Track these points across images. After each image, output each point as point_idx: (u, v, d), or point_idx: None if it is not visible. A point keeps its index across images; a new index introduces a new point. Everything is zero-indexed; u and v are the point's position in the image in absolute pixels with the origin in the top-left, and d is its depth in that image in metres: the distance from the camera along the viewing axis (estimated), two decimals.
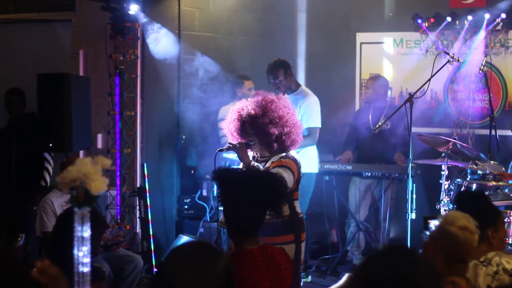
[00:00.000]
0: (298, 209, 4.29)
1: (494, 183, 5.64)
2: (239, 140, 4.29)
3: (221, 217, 4.13)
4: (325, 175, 6.64)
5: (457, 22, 7.16)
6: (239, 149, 4.20)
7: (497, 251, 3.45)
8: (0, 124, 7.01)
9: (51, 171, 6.64)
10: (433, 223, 3.10)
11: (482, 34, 7.06)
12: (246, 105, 4.27)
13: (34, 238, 6.01)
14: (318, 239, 7.27)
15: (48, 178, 6.60)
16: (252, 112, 4.20)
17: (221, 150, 4.41)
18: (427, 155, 6.65)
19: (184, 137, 7.34)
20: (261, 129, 4.18)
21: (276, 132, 4.17)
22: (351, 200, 6.89)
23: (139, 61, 7.20)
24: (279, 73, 6.04)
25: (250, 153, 4.30)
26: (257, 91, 4.55)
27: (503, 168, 6.16)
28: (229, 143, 4.30)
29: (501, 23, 7.03)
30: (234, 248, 4.07)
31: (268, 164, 4.21)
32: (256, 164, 4.15)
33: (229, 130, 4.35)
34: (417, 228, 5.66)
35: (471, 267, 3.29)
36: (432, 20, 7.23)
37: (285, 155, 4.20)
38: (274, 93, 4.41)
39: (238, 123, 4.29)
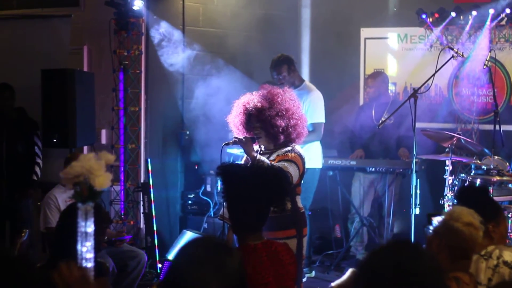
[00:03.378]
0: (300, 204, 4.29)
1: (498, 178, 5.62)
2: (245, 134, 4.29)
3: (222, 211, 4.12)
4: (329, 171, 6.63)
5: (461, 17, 7.14)
6: (245, 143, 4.20)
7: (497, 245, 3.44)
8: None
9: (41, 165, 6.63)
10: (437, 220, 3.09)
11: (486, 29, 7.04)
12: (251, 98, 4.27)
13: (32, 233, 6.01)
14: (322, 235, 7.27)
15: (39, 173, 6.59)
16: (259, 105, 4.20)
17: (227, 144, 4.41)
18: (431, 150, 6.63)
19: (188, 132, 7.34)
20: (268, 121, 4.18)
21: (283, 124, 4.18)
22: (354, 196, 6.88)
23: (143, 56, 7.20)
24: (283, 69, 6.04)
25: (255, 147, 4.29)
26: (261, 85, 4.54)
27: (508, 164, 6.14)
28: (235, 137, 4.29)
29: (506, 18, 7.02)
30: (231, 242, 4.09)
31: (273, 157, 4.20)
32: (262, 158, 4.14)
33: (234, 124, 4.35)
34: (421, 224, 5.65)
35: (472, 261, 3.29)
36: (436, 15, 7.22)
37: (290, 149, 4.21)
38: (279, 87, 4.42)
39: (244, 116, 4.29)
